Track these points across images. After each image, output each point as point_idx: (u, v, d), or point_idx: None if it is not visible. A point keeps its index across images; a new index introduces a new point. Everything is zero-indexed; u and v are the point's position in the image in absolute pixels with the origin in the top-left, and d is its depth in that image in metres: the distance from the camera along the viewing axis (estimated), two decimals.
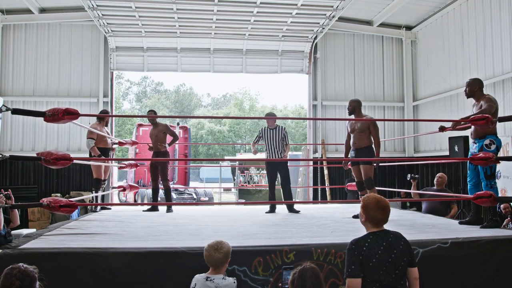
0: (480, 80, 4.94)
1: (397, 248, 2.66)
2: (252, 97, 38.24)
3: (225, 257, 3.11)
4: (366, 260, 2.60)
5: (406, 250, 2.70)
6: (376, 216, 2.70)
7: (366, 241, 2.67)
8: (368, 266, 2.60)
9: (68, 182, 10.43)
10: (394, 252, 2.64)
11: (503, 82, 8.19)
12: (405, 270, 2.70)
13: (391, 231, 2.77)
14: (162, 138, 7.01)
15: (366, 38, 11.69)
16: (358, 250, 2.63)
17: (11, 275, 2.35)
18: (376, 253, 2.61)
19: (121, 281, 3.35)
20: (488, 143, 4.67)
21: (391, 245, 2.66)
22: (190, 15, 10.20)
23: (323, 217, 5.71)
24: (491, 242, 3.89)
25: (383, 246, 2.64)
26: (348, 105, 5.87)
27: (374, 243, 2.65)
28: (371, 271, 2.59)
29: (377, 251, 2.62)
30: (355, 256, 2.62)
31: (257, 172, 16.45)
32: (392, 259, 2.63)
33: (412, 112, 11.52)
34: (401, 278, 2.66)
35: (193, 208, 7.84)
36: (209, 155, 34.45)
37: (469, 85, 4.91)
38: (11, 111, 4.09)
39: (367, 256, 2.61)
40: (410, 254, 2.72)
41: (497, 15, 8.37)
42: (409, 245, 2.75)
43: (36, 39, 10.69)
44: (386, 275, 2.60)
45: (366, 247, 2.63)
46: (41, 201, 4.05)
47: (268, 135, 6.58)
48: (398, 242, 2.70)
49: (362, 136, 5.71)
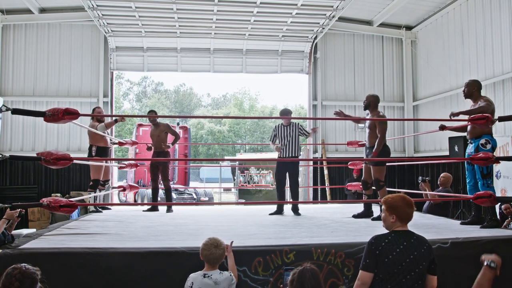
0: (479, 82, 5.00)
1: (418, 250, 2.65)
2: (252, 97, 38.24)
3: (223, 252, 3.14)
4: (382, 255, 2.61)
5: (428, 255, 2.67)
6: (406, 211, 2.71)
7: (386, 238, 2.68)
8: (383, 261, 2.61)
9: (68, 182, 10.43)
10: (414, 253, 2.63)
11: (503, 82, 8.19)
12: (423, 275, 2.66)
13: (417, 234, 2.76)
14: (164, 138, 7.01)
15: (366, 38, 11.68)
16: (376, 245, 2.65)
17: (11, 275, 2.34)
18: (394, 251, 2.61)
19: (121, 281, 3.35)
20: (484, 143, 4.71)
21: (411, 246, 2.65)
22: (190, 15, 10.20)
23: (323, 217, 5.71)
24: (491, 242, 3.89)
25: (403, 245, 2.64)
26: (365, 98, 5.81)
27: (394, 241, 2.65)
28: (386, 267, 2.60)
29: (395, 248, 2.62)
30: (372, 251, 2.64)
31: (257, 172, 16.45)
32: (410, 260, 2.61)
33: (412, 112, 11.52)
34: (416, 281, 2.63)
35: (193, 208, 7.84)
36: (209, 155, 34.44)
37: (467, 86, 4.97)
38: (11, 111, 4.09)
39: (384, 252, 2.62)
40: (431, 260, 2.69)
41: (497, 15, 8.37)
42: (432, 252, 2.72)
43: (36, 39, 10.69)
44: (400, 275, 2.59)
45: (385, 243, 2.65)
46: (41, 201, 4.05)
47: (283, 133, 6.30)
48: (420, 245, 2.68)
49: (370, 134, 5.68)
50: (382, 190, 5.55)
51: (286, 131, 6.29)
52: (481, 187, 4.72)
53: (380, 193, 5.59)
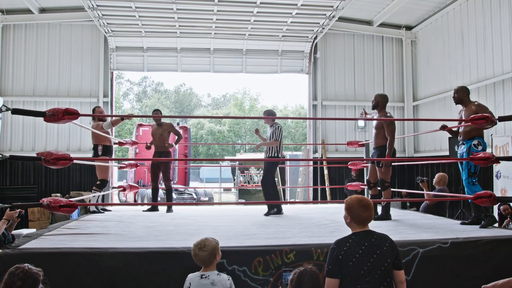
0: (467, 88, 5.24)
1: (380, 249, 2.66)
2: (252, 97, 38.22)
3: (210, 254, 3.07)
4: (346, 259, 2.62)
5: (391, 251, 2.69)
6: (360, 214, 2.71)
7: (347, 241, 2.69)
8: (348, 265, 2.62)
9: (68, 182, 10.43)
10: (377, 252, 2.64)
11: (503, 82, 8.19)
12: (390, 272, 2.68)
13: (377, 232, 2.77)
14: (166, 137, 7.01)
15: (366, 38, 11.68)
16: (338, 250, 2.66)
17: (14, 275, 2.36)
18: (357, 253, 2.63)
19: (121, 281, 3.35)
20: (476, 143, 4.89)
21: (373, 246, 2.66)
22: (190, 15, 10.20)
23: (323, 217, 5.71)
24: (491, 242, 3.89)
25: (365, 246, 2.65)
26: (373, 98, 5.80)
27: (356, 243, 2.66)
28: (351, 270, 2.61)
29: (357, 250, 2.63)
30: (335, 256, 2.65)
31: (257, 172, 16.45)
32: (374, 259, 2.63)
33: (412, 112, 11.52)
34: (384, 279, 2.65)
35: (193, 208, 7.84)
36: (209, 155, 34.44)
37: (457, 92, 5.17)
38: (11, 111, 4.08)
39: (347, 256, 2.63)
40: (395, 256, 2.71)
41: (497, 15, 8.37)
42: (395, 247, 2.74)
43: (36, 39, 10.69)
44: (368, 275, 2.61)
45: (347, 247, 2.66)
46: (41, 201, 4.05)
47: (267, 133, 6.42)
48: (382, 243, 2.69)
49: (377, 134, 5.67)
50: (386, 191, 5.56)
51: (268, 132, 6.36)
52: (467, 186, 4.88)
53: (384, 194, 5.60)
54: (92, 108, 7.13)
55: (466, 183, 4.89)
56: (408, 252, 3.64)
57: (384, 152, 5.53)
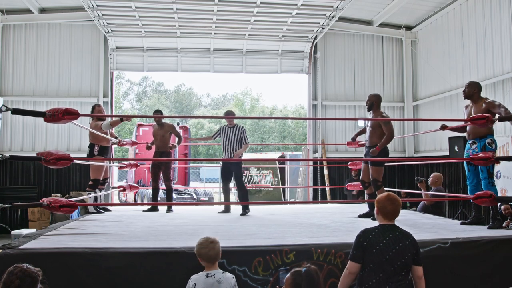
0: (480, 84, 5.08)
1: (403, 242, 2.86)
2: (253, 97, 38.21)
3: (220, 249, 3.10)
4: (370, 247, 2.84)
5: (412, 247, 2.88)
6: (385, 206, 2.95)
7: (373, 230, 2.92)
8: (371, 252, 2.83)
9: (68, 182, 10.43)
10: (399, 245, 2.84)
11: (503, 82, 8.19)
12: (408, 265, 2.86)
13: (402, 228, 2.97)
14: (168, 138, 7.02)
15: (366, 38, 11.68)
16: (364, 237, 2.88)
17: (13, 274, 2.36)
18: (381, 242, 2.84)
19: (121, 281, 3.35)
20: (489, 142, 4.78)
21: (396, 238, 2.87)
22: (190, 15, 10.20)
23: (323, 217, 5.71)
24: (491, 242, 3.89)
25: (389, 237, 2.86)
26: (367, 99, 5.79)
27: (381, 233, 2.88)
28: (374, 258, 2.82)
29: (381, 240, 2.85)
30: (360, 243, 2.87)
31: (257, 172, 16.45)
32: (396, 251, 2.82)
33: (412, 112, 11.52)
34: (402, 271, 2.83)
35: (193, 208, 7.84)
36: (209, 155, 34.42)
37: (468, 87, 5.02)
38: (11, 111, 4.09)
39: (371, 243, 2.84)
40: (415, 252, 2.90)
41: (497, 15, 8.37)
42: (417, 244, 2.93)
43: (36, 39, 10.69)
44: (388, 265, 2.79)
45: (372, 235, 2.88)
46: (41, 201, 4.05)
47: (226, 134, 6.50)
48: (405, 238, 2.90)
49: (372, 133, 5.65)
50: (380, 190, 5.55)
51: (229, 132, 6.49)
52: (486, 186, 4.73)
53: (378, 193, 5.58)
54: (91, 106, 7.06)
55: (486, 183, 4.73)
56: None
57: (380, 152, 5.51)
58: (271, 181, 15.46)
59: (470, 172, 4.97)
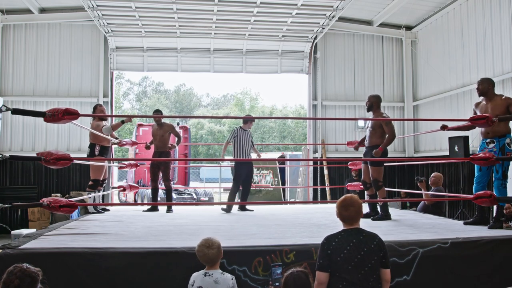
0: (492, 80, 4.97)
1: (368, 246, 2.77)
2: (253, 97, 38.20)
3: (218, 252, 3.14)
4: (334, 254, 2.75)
5: (378, 250, 2.79)
6: (341, 213, 2.88)
7: (336, 237, 2.83)
8: (336, 260, 2.74)
9: (68, 182, 10.42)
10: (364, 250, 2.74)
11: (503, 82, 8.19)
12: (377, 269, 2.77)
13: (366, 230, 2.87)
14: (167, 138, 7.02)
15: (366, 38, 11.68)
16: (328, 245, 2.79)
17: (12, 273, 2.37)
18: (345, 249, 2.75)
19: (121, 281, 3.35)
20: (509, 142, 4.62)
21: (361, 243, 2.77)
22: (190, 15, 10.20)
23: (323, 217, 5.71)
24: (491, 242, 3.89)
25: (353, 243, 2.77)
26: (367, 100, 5.80)
27: (344, 239, 2.79)
28: (339, 266, 2.73)
29: (345, 247, 2.75)
30: (324, 251, 2.78)
31: (257, 172, 16.44)
32: (361, 256, 2.73)
33: (412, 112, 11.52)
34: (371, 276, 2.74)
35: (193, 208, 7.84)
36: (209, 155, 34.40)
37: (482, 83, 4.89)
38: (11, 111, 4.09)
39: (335, 251, 2.75)
40: (382, 254, 2.80)
41: (497, 15, 8.37)
42: (383, 246, 2.83)
43: (36, 39, 10.68)
44: (354, 272, 2.71)
45: (335, 242, 2.79)
46: (41, 201, 4.05)
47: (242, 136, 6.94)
48: (370, 241, 2.80)
49: (373, 133, 5.65)
50: (380, 190, 5.55)
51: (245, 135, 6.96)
52: (498, 187, 4.63)
53: (379, 193, 5.60)
54: (93, 106, 7.05)
55: (499, 184, 4.62)
56: (408, 252, 3.64)
57: (381, 151, 5.50)
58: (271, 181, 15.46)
59: (482, 172, 4.80)
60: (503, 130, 4.64)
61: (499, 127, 4.61)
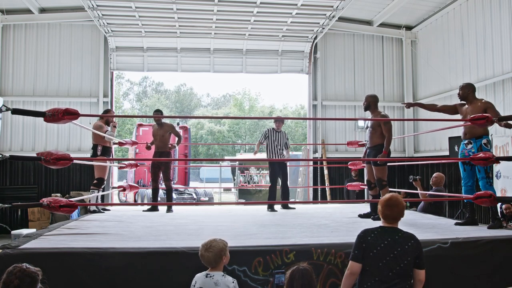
0: (473, 85, 5.19)
1: (402, 247, 2.79)
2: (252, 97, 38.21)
3: (215, 256, 3.09)
4: (368, 249, 2.81)
5: (413, 251, 2.81)
6: (383, 211, 2.92)
7: (373, 232, 2.89)
8: (368, 255, 2.80)
9: (68, 182, 10.42)
10: (398, 249, 2.78)
11: (503, 82, 8.19)
12: (408, 269, 2.80)
13: (403, 231, 2.91)
14: (168, 138, 7.02)
15: (366, 38, 11.68)
16: (364, 238, 2.86)
17: (12, 273, 2.36)
18: (379, 245, 2.79)
19: (121, 281, 3.35)
20: (485, 143, 4.81)
21: (395, 242, 2.80)
22: (190, 15, 10.20)
23: (323, 217, 5.71)
24: (491, 242, 3.89)
25: (387, 241, 2.81)
26: (364, 100, 5.84)
27: (380, 236, 2.84)
28: (371, 261, 2.78)
29: (380, 243, 2.80)
30: (360, 243, 2.85)
31: (257, 172, 16.45)
32: (394, 255, 2.76)
33: (412, 112, 11.51)
34: (401, 276, 2.77)
35: (193, 208, 7.84)
36: (209, 155, 34.41)
37: (462, 89, 5.13)
38: (11, 111, 4.09)
39: (369, 246, 2.82)
40: (417, 255, 2.84)
41: (497, 15, 8.36)
42: (419, 247, 2.86)
43: (36, 39, 10.68)
44: (385, 269, 2.75)
45: (371, 237, 2.85)
46: (41, 201, 4.05)
47: (274, 137, 7.08)
48: (405, 242, 2.83)
49: (373, 133, 5.67)
50: (384, 190, 5.56)
51: (278, 136, 7.13)
52: (484, 185, 4.74)
53: (383, 193, 5.60)
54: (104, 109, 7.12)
55: (484, 183, 4.75)
56: None
57: (380, 151, 5.53)
58: None
59: (466, 173, 4.96)
60: (480, 132, 4.82)
61: (476, 128, 4.77)
